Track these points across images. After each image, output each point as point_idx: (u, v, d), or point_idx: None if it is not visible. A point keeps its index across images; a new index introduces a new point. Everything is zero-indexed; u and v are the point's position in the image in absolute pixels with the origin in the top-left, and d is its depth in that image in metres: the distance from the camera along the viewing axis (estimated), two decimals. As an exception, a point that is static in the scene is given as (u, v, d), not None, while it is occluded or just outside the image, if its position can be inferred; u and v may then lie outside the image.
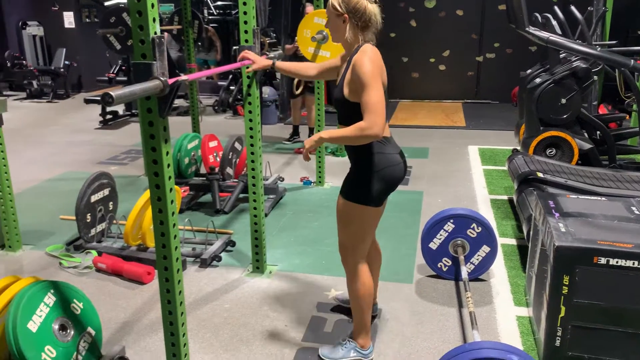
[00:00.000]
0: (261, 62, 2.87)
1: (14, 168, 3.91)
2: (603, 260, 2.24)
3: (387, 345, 2.68)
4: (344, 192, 2.39)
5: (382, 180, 2.31)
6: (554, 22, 4.92)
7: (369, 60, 2.18)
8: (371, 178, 2.31)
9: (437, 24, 9.53)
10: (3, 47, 11.18)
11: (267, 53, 3.24)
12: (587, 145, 4.53)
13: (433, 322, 2.87)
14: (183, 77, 1.97)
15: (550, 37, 4.21)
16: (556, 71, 4.56)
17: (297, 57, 6.14)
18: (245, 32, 3.02)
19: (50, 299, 2.29)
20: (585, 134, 4.72)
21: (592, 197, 2.96)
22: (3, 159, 3.58)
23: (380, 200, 2.37)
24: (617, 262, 2.22)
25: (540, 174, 3.92)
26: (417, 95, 9.93)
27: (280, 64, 2.84)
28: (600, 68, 5.11)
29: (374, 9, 2.27)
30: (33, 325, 2.19)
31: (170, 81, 1.85)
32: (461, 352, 1.93)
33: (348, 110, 2.30)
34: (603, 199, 2.91)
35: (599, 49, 4.26)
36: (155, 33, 1.82)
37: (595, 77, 4.78)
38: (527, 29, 4.23)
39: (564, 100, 4.50)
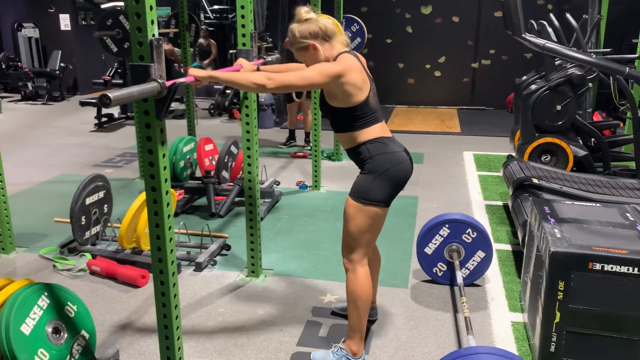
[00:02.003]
0: (248, 66, 2.88)
1: (8, 170, 3.90)
2: (598, 266, 2.25)
3: (382, 350, 2.67)
4: (354, 192, 2.38)
5: (391, 179, 2.34)
6: (550, 29, 4.96)
7: (331, 64, 2.28)
8: (380, 178, 2.33)
9: (433, 30, 9.57)
10: (-2, 49, 11.17)
11: (265, 57, 3.24)
12: (582, 152, 4.55)
13: (428, 327, 2.87)
14: (180, 79, 1.97)
15: (546, 44, 4.23)
16: (551, 78, 4.59)
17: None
18: (243, 35, 3.03)
19: (43, 301, 2.28)
20: (580, 141, 4.74)
21: (587, 204, 2.97)
22: (-3, 160, 3.57)
23: (390, 199, 2.38)
24: (611, 268, 2.23)
25: (535, 180, 3.93)
26: (413, 101, 9.97)
27: (264, 67, 2.85)
28: (595, 75, 5.14)
29: (324, 21, 2.37)
30: (26, 328, 2.17)
31: (168, 83, 1.85)
32: (456, 357, 1.93)
33: (335, 116, 2.39)
34: (598, 205, 2.92)
35: (594, 56, 4.28)
36: (154, 35, 1.82)
37: (590, 85, 4.80)
38: (523, 35, 4.25)
39: (559, 107, 4.53)
